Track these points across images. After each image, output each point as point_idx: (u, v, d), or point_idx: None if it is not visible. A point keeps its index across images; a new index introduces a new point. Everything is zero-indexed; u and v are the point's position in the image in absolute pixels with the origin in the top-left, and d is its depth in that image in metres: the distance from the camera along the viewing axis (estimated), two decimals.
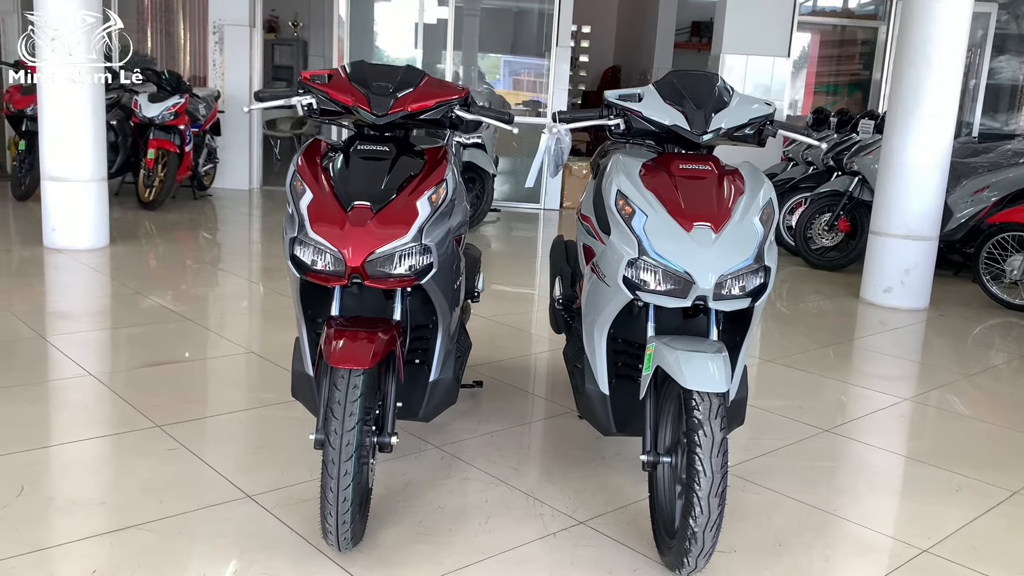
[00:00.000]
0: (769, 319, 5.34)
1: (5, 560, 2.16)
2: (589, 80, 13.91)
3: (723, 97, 2.46)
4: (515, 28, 12.51)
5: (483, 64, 12.27)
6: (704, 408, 2.11)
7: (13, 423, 2.99)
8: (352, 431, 2.09)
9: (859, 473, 3.05)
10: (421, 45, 10.91)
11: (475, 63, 12.01)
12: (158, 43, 11.98)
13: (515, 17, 12.46)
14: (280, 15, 13.66)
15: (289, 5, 13.43)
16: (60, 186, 5.72)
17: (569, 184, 9.82)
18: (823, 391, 3.95)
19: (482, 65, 12.27)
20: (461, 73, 11.87)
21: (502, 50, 12.70)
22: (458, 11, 11.86)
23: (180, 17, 11.82)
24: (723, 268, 2.20)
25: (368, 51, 11.69)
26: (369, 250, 2.20)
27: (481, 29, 11.69)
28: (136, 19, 11.92)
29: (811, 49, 12.29)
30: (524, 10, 11.95)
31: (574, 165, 9.85)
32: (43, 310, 4.55)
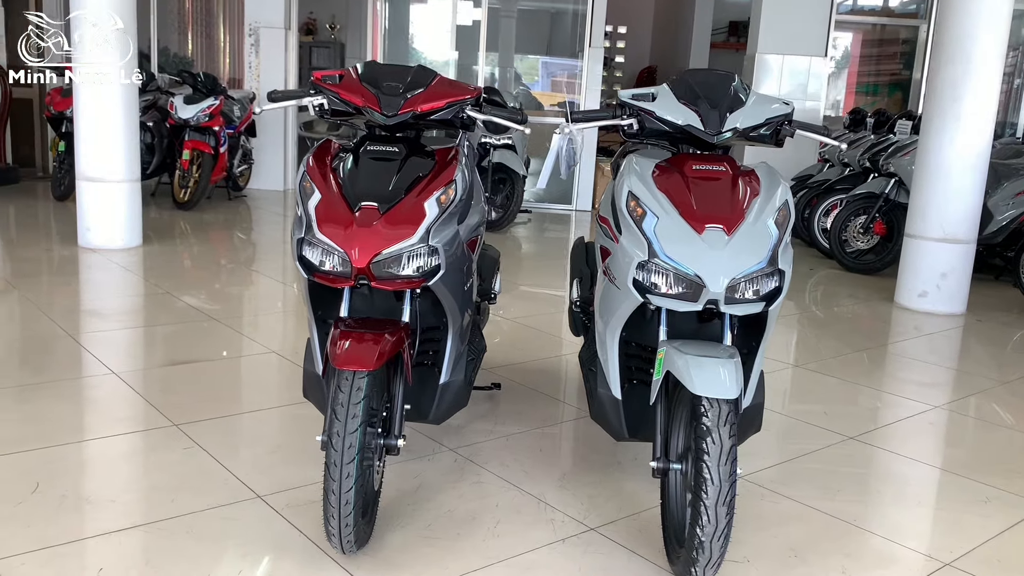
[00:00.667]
0: (800, 323, 5.24)
1: (15, 556, 2.18)
2: (625, 81, 13.80)
3: (739, 96, 2.41)
4: (550, 29, 12.47)
5: (521, 66, 12.24)
6: (713, 415, 2.06)
7: (34, 420, 3.03)
8: (355, 433, 2.07)
9: (883, 482, 2.97)
10: (454, 46, 10.91)
11: (511, 65, 12.00)
12: (198, 46, 12.15)
13: (550, 18, 12.43)
14: (318, 17, 13.77)
15: (326, 7, 13.52)
16: (94, 186, 5.81)
17: (601, 185, 9.76)
18: (851, 397, 3.86)
19: (519, 67, 12.25)
20: (497, 75, 11.87)
21: (537, 51, 12.67)
22: (494, 12, 11.86)
23: (220, 20, 11.97)
24: (735, 271, 2.15)
25: (404, 53, 11.74)
26: (375, 251, 2.19)
27: (516, 30, 11.68)
28: (176, 22, 12.10)
29: (852, 49, 12.10)
30: (559, 11, 11.91)
31: (606, 166, 9.79)
32: (73, 309, 4.62)
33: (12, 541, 2.25)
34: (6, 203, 7.73)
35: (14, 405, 3.16)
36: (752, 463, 3.00)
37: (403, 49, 11.77)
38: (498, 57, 12.04)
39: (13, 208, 7.60)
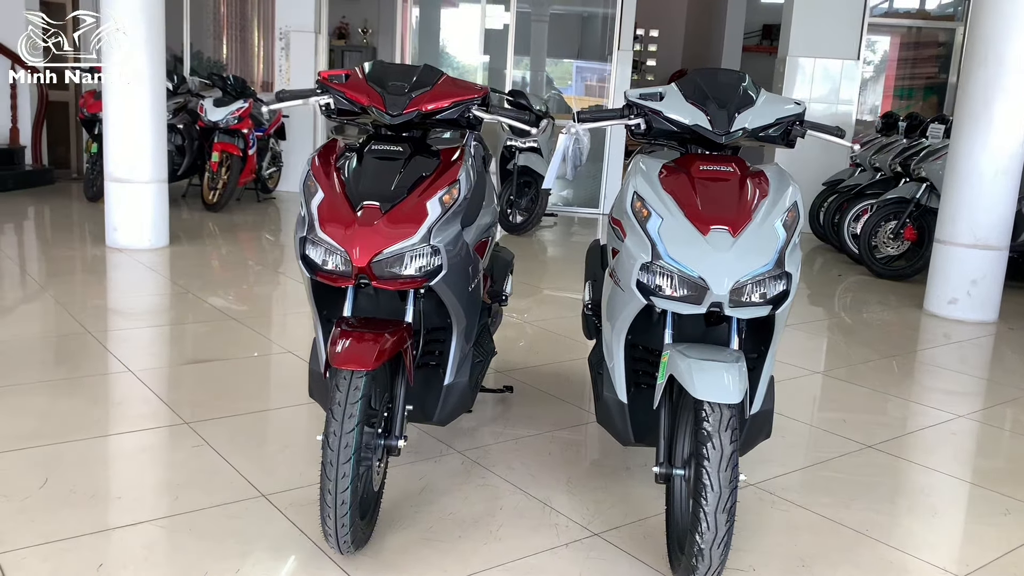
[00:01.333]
0: (827, 329, 5.16)
1: (18, 551, 2.20)
2: (658, 84, 13.74)
3: (748, 96, 2.36)
4: (581, 33, 12.45)
5: (556, 70, 12.22)
6: (714, 420, 2.02)
7: (48, 415, 3.07)
8: (351, 433, 2.06)
9: (898, 492, 2.90)
10: (484, 50, 10.91)
11: (543, 68, 11.98)
12: (233, 50, 12.30)
13: (581, 22, 12.40)
14: (350, 22, 13.88)
15: (359, 12, 13.63)
16: (122, 187, 5.89)
17: None
18: (873, 405, 3.78)
19: (552, 71, 12.22)
20: (528, 79, 11.86)
21: (568, 55, 12.65)
22: (524, 16, 11.86)
23: (254, 24, 12.11)
24: (739, 273, 2.11)
25: (435, 57, 11.77)
26: (376, 250, 2.18)
27: (547, 34, 11.66)
28: (212, 26, 12.27)
29: (890, 52, 11.91)
30: (590, 15, 11.88)
31: None
32: (95, 307, 4.67)
33: (16, 535, 2.27)
34: (41, 203, 7.87)
35: (29, 401, 3.20)
36: (765, 471, 2.94)
37: (433, 53, 11.81)
38: (529, 61, 12.04)
39: (47, 208, 7.74)
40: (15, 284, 5.14)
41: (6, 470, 2.63)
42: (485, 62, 11.07)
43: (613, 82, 9.37)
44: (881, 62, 12.35)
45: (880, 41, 11.44)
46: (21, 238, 6.79)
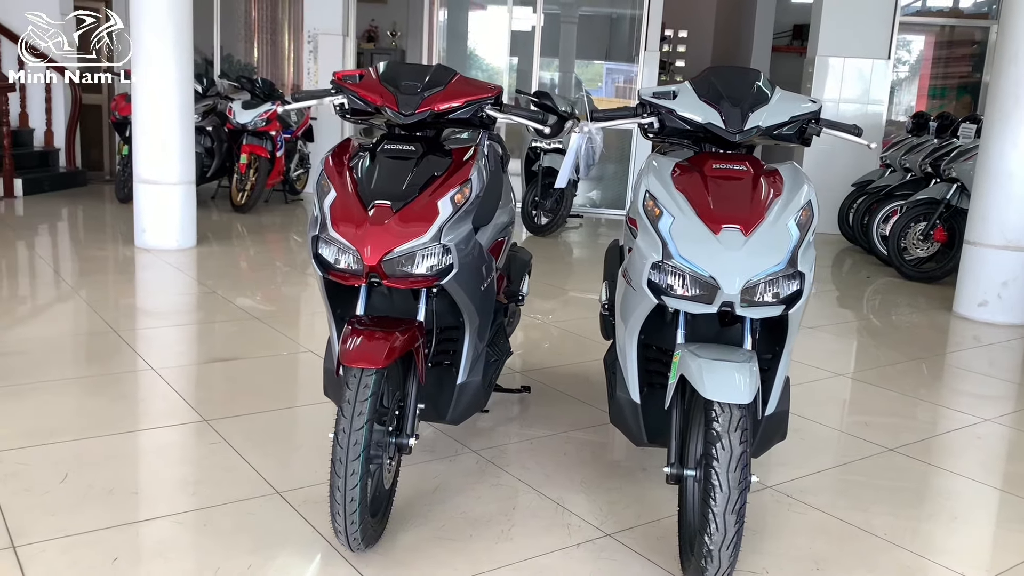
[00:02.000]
0: (854, 332, 5.09)
1: (37, 543, 2.23)
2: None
3: (762, 94, 2.34)
4: (610, 34, 12.42)
5: (587, 71, 12.20)
6: (724, 420, 2.00)
7: (71, 412, 3.12)
8: (360, 430, 2.07)
9: (919, 496, 2.85)
10: (510, 51, 10.92)
11: (572, 70, 11.96)
12: (264, 53, 12.43)
13: (610, 23, 12.38)
14: (379, 24, 13.95)
15: (388, 15, 13.70)
16: (150, 188, 5.97)
17: None
18: (897, 408, 3.73)
19: (583, 72, 12.21)
20: (557, 80, 11.86)
21: (597, 56, 12.63)
22: (553, 18, 11.86)
23: (284, 27, 12.23)
24: (751, 272, 2.09)
25: (462, 58, 11.81)
26: (386, 249, 2.19)
27: (575, 35, 11.66)
28: (243, 29, 12.40)
29: (924, 51, 11.76)
30: (618, 16, 11.85)
31: None
32: (121, 306, 4.74)
33: (36, 528, 2.31)
34: (74, 205, 8.00)
35: (54, 398, 3.25)
36: (784, 473, 2.92)
37: (461, 55, 11.85)
38: (558, 63, 12.03)
39: (79, 210, 7.86)
40: (46, 283, 5.23)
41: (29, 465, 2.68)
42: (513, 63, 11.07)
43: (640, 83, 9.33)
44: (916, 62, 12.19)
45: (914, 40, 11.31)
46: (53, 239, 6.91)
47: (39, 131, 8.90)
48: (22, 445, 2.81)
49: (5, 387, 3.32)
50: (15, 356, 3.74)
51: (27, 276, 5.48)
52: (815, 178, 8.00)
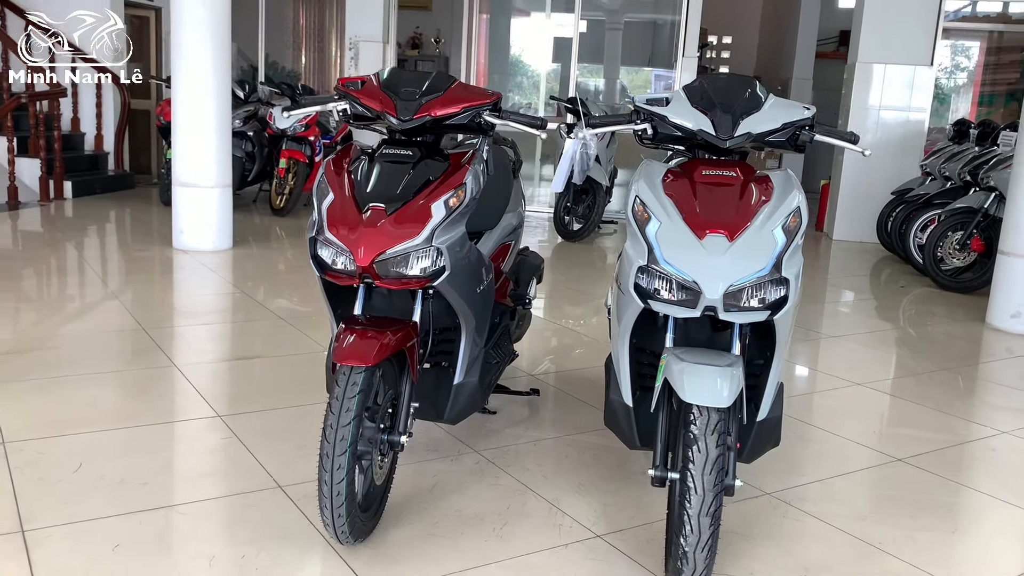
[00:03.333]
0: (879, 341, 5.02)
1: (45, 528, 2.34)
2: None
3: (754, 101, 2.35)
4: (653, 40, 12.41)
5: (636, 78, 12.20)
6: (701, 423, 2.03)
7: (92, 405, 3.24)
8: (347, 427, 2.13)
9: (920, 507, 2.82)
10: (553, 58, 10.98)
11: (617, 76, 11.98)
12: (311, 60, 12.68)
13: (653, 29, 12.36)
14: (423, 31, 14.11)
15: (432, 22, 13.85)
16: (188, 191, 6.14)
17: None
18: (912, 418, 3.68)
19: (633, 79, 12.21)
20: (602, 86, 11.88)
21: (640, 62, 12.62)
22: (599, 24, 11.90)
23: (331, 35, 12.46)
24: (733, 278, 2.10)
25: (504, 65, 11.90)
26: (379, 250, 2.25)
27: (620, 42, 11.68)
28: (292, 37, 12.66)
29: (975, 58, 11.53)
30: (661, 22, 11.84)
31: None
32: (153, 305, 4.89)
33: (45, 514, 2.42)
34: (121, 207, 8.24)
35: (78, 391, 3.38)
36: (784, 480, 2.91)
37: (503, 61, 11.93)
38: (603, 68, 12.05)
39: (124, 211, 8.10)
40: (84, 282, 5.42)
41: (46, 454, 2.79)
42: (555, 70, 11.13)
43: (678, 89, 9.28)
44: (964, 68, 11.96)
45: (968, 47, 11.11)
46: (96, 239, 7.13)
47: (90, 135, 9.19)
48: (43, 435, 2.93)
49: (34, 380, 3.46)
50: (48, 351, 3.89)
51: (67, 275, 5.68)
52: (854, 186, 7.94)
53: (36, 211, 7.71)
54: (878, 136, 8.45)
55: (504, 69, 12.00)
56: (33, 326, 4.40)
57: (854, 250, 8.17)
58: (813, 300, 6.26)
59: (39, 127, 7.98)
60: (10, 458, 2.75)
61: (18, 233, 7.06)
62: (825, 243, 8.60)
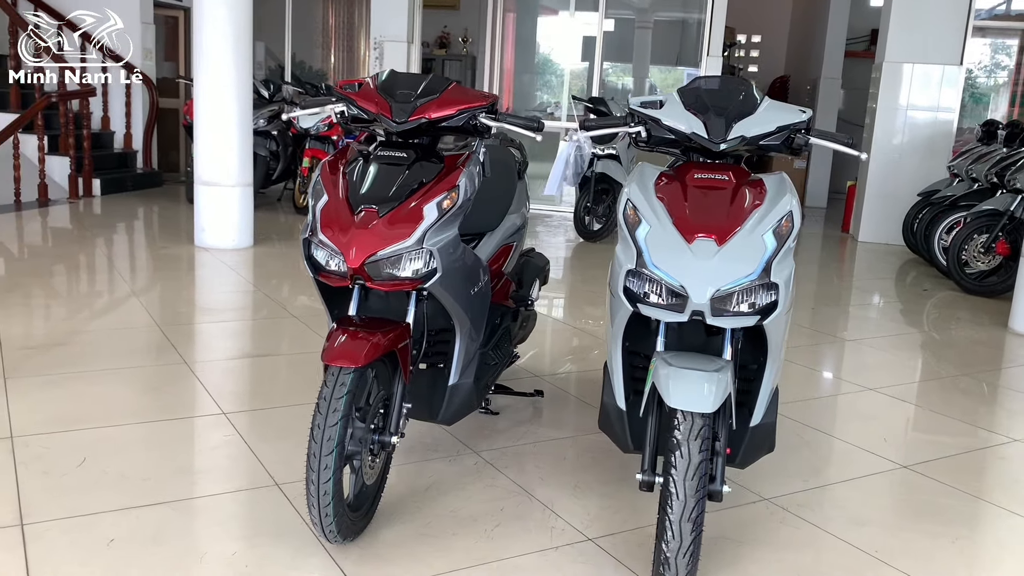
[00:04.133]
0: (894, 346, 4.95)
1: (43, 523, 2.39)
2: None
3: (748, 104, 2.34)
4: (681, 39, 12.33)
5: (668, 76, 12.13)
6: (684, 428, 2.02)
7: (101, 401, 3.30)
8: (334, 427, 2.15)
9: (922, 515, 2.78)
10: (581, 57, 10.95)
11: (646, 75, 11.92)
12: (341, 59, 12.77)
13: (681, 28, 12.28)
14: (451, 31, 14.15)
15: (460, 21, 13.88)
16: (209, 190, 6.22)
17: None
18: (922, 424, 3.64)
19: (665, 78, 12.14)
20: (631, 85, 11.83)
21: (668, 61, 12.55)
22: (629, 23, 11.85)
23: (360, 35, 12.55)
24: (720, 282, 2.09)
25: (531, 64, 11.89)
26: (369, 252, 2.26)
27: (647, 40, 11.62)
28: (321, 36, 12.77)
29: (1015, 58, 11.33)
30: (688, 21, 11.76)
31: None
32: (169, 302, 4.96)
33: (46, 508, 2.47)
34: (148, 204, 8.37)
35: (88, 387, 3.44)
36: (783, 486, 2.88)
37: (530, 61, 11.93)
38: (632, 67, 12.00)
39: (148, 209, 8.22)
40: (104, 279, 5.51)
41: (52, 448, 2.85)
42: (582, 69, 11.10)
43: None
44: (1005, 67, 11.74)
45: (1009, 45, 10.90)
46: (119, 236, 7.24)
47: (119, 134, 9.34)
48: (50, 430, 2.99)
49: (47, 376, 3.53)
50: (63, 347, 3.97)
51: (89, 271, 5.77)
52: (880, 187, 7.83)
53: (65, 208, 7.85)
54: (906, 136, 8.34)
55: (531, 68, 11.99)
56: (52, 322, 4.49)
57: (879, 252, 8.07)
58: (834, 303, 6.20)
59: (69, 126, 8.13)
60: (17, 452, 2.81)
61: (46, 230, 7.20)
62: (850, 245, 8.49)
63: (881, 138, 8.39)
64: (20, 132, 7.73)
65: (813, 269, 7.66)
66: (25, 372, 3.55)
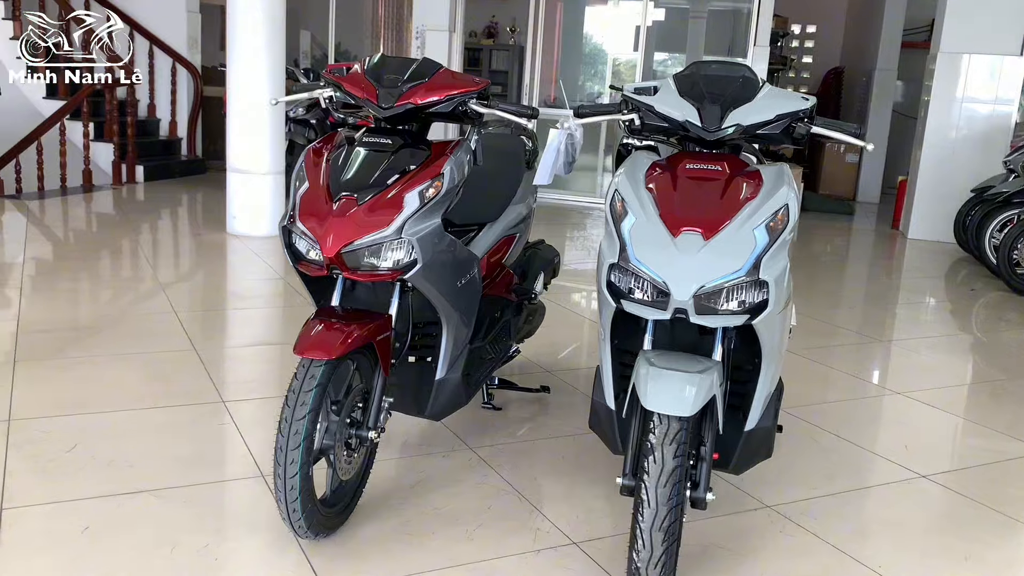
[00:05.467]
0: (932, 348, 4.74)
1: (26, 507, 2.39)
2: (811, 83, 13.06)
3: (747, 91, 2.21)
4: (732, 28, 12.05)
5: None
6: (660, 432, 1.91)
7: (104, 386, 3.30)
8: (302, 420, 2.09)
9: (934, 528, 2.62)
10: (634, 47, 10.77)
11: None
12: (391, 48, 12.78)
13: (733, 18, 12.01)
14: (500, 20, 14.05)
15: (509, 11, 13.77)
16: (241, 177, 6.24)
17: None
18: (948, 431, 3.45)
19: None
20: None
21: (720, 52, 12.28)
22: (682, 12, 11.63)
23: (410, 24, 12.53)
24: (704, 279, 1.98)
25: (577, 55, 11.75)
26: (345, 241, 2.20)
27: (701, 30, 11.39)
28: (371, 26, 12.79)
29: None
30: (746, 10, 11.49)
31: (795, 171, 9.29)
32: (191, 289, 5.00)
33: (31, 492, 2.47)
34: (186, 191, 8.45)
35: (94, 372, 3.45)
36: (789, 493, 2.76)
37: (577, 51, 11.78)
38: (685, 58, 11.77)
39: (188, 196, 8.31)
40: (132, 263, 5.57)
41: (46, 433, 2.85)
42: (630, 59, 10.92)
43: None
44: None
45: None
46: (155, 222, 7.32)
47: (165, 121, 9.46)
48: (49, 414, 3.00)
49: (57, 359, 3.56)
50: (78, 331, 4.00)
51: (120, 256, 5.83)
52: (932, 183, 7.53)
53: (107, 194, 7.97)
54: (961, 130, 8.00)
55: (578, 58, 11.85)
56: (73, 306, 4.53)
57: (929, 250, 7.76)
58: (875, 302, 5.98)
59: (114, 113, 8.25)
60: (12, 435, 2.82)
61: (88, 215, 7.32)
62: (900, 242, 8.20)
63: (935, 131, 8.07)
64: (67, 119, 7.87)
65: (857, 267, 7.41)
66: (36, 355, 3.58)
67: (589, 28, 11.82)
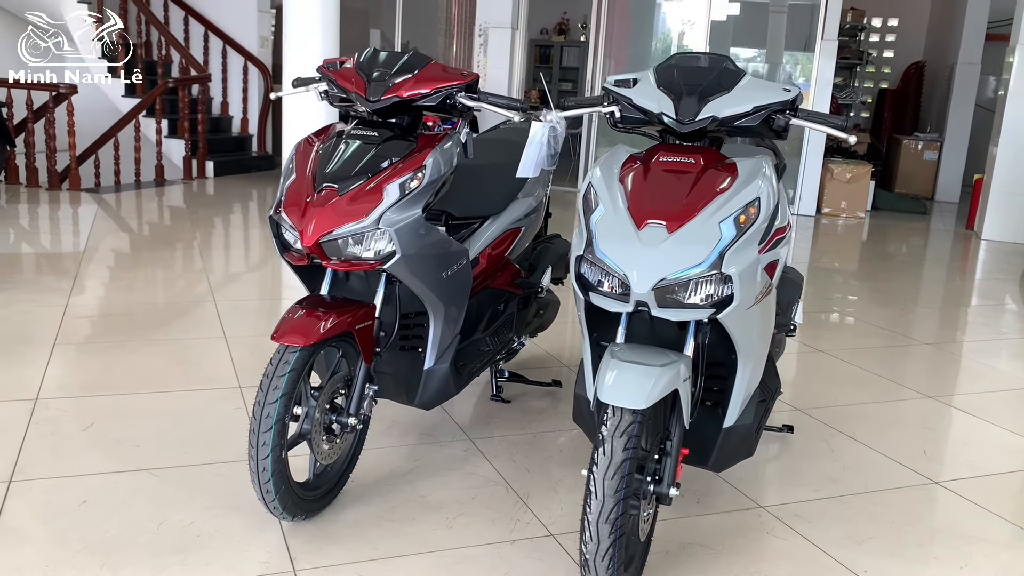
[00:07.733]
0: (981, 352, 4.54)
1: (30, 480, 2.52)
2: (892, 78, 12.62)
3: (725, 82, 2.17)
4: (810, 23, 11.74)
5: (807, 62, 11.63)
6: (611, 424, 1.90)
7: (131, 369, 3.45)
8: (274, 404, 2.15)
9: (937, 537, 2.52)
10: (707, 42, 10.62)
11: (780, 61, 11.44)
12: (463, 47, 12.91)
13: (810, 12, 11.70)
14: (571, 17, 14.04)
15: (580, 8, 13.74)
16: None
17: (830, 188, 9.07)
18: (972, 438, 3.30)
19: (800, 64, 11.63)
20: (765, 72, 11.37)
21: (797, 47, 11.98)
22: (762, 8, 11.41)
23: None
24: (664, 272, 1.95)
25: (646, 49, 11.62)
26: (325, 230, 2.25)
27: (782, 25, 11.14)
28: (444, 24, 12.95)
29: None
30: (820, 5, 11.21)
31: (836, 168, 9.05)
32: (233, 277, 5.16)
33: (38, 467, 2.60)
34: (254, 186, 8.71)
35: (124, 356, 3.61)
36: (787, 494, 2.70)
37: (646, 47, 11.66)
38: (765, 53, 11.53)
39: (252, 191, 8.56)
40: (182, 252, 5.78)
41: (68, 412, 3.00)
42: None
43: (815, 75, 8.78)
44: None
45: None
46: (216, 215, 7.57)
47: (237, 118, 9.78)
48: (73, 395, 3.15)
49: (92, 344, 3.74)
50: (115, 317, 4.19)
51: (170, 245, 6.06)
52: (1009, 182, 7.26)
53: (178, 188, 8.29)
54: None
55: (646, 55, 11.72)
56: (121, 293, 4.73)
57: (1002, 251, 7.43)
58: (931, 304, 5.77)
59: (186, 110, 8.57)
60: (36, 413, 2.97)
61: (153, 208, 7.62)
62: (973, 243, 7.87)
63: (1012, 127, 7.72)
64: (142, 116, 8.22)
65: (923, 269, 7.14)
66: (74, 339, 3.76)
67: (658, 23, 11.68)
